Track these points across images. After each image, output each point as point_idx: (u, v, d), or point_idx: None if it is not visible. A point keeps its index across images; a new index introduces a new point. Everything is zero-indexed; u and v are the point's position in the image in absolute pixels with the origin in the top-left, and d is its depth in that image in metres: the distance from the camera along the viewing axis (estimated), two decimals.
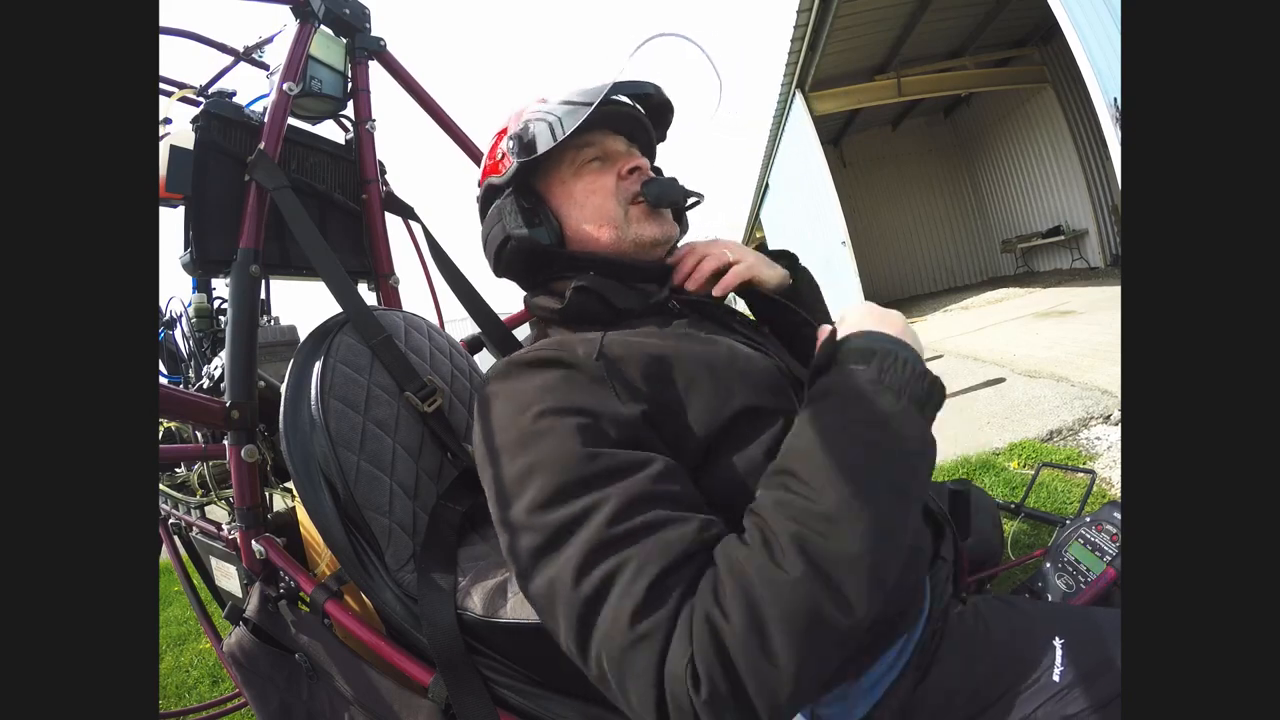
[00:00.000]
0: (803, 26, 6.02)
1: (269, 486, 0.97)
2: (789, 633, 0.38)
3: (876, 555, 0.40)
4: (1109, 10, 3.40)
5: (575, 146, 0.69)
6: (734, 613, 0.38)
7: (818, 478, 0.43)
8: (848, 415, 0.46)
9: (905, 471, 0.45)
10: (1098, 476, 1.91)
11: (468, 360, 1.00)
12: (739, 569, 0.40)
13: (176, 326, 1.47)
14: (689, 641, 0.38)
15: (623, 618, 0.40)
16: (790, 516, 0.42)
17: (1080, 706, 0.53)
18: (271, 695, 0.77)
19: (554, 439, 0.48)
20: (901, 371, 0.48)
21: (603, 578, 0.42)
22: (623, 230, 0.69)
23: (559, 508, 0.45)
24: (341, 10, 1.10)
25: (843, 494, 0.41)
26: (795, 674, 0.37)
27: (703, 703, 0.37)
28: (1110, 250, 7.32)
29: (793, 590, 0.38)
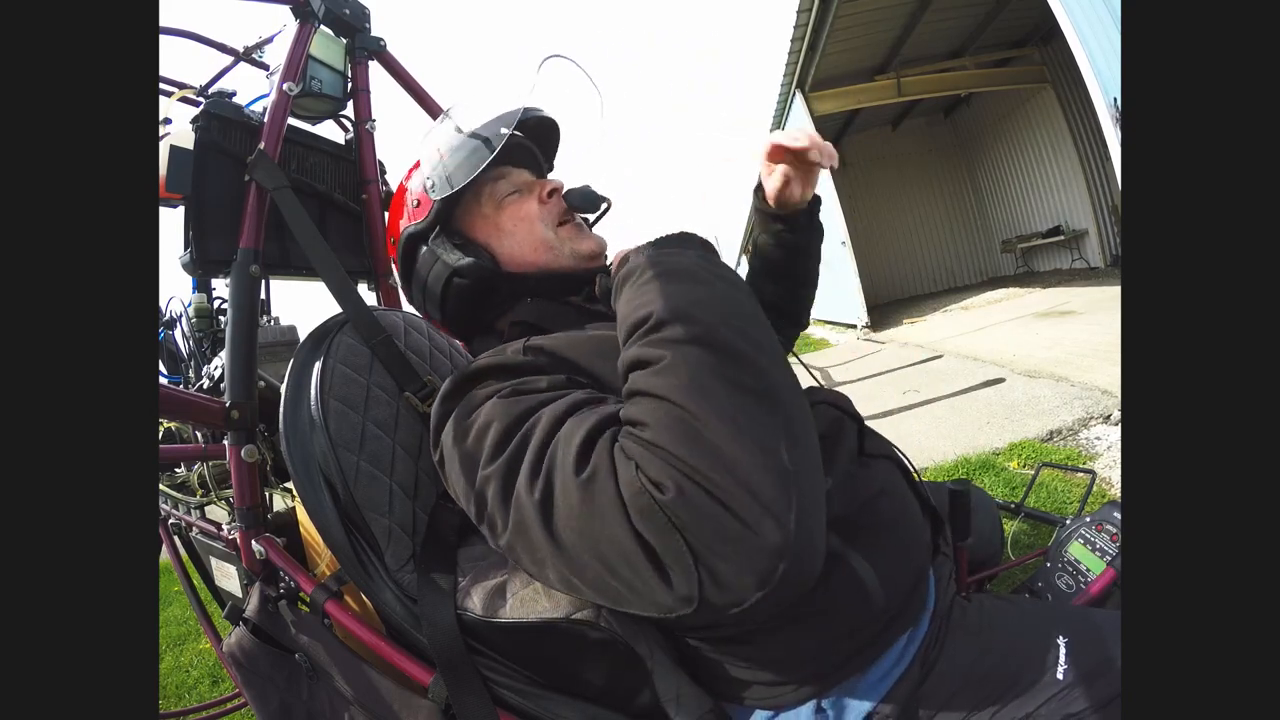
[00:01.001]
0: (803, 26, 6.02)
1: (269, 486, 0.97)
2: (703, 402, 0.37)
3: (725, 314, 0.44)
4: (1109, 10, 3.40)
5: (490, 180, 0.72)
6: (648, 419, 0.38)
7: (637, 314, 0.47)
8: (635, 279, 0.51)
9: (687, 266, 0.50)
10: (1098, 476, 1.91)
11: (468, 360, 1.00)
12: (635, 393, 0.42)
13: (176, 326, 1.47)
14: (627, 460, 0.38)
15: (569, 476, 0.40)
16: (638, 342, 0.44)
17: (1081, 706, 0.54)
18: (271, 695, 0.77)
19: (494, 404, 0.50)
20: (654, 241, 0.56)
21: (549, 461, 0.42)
22: (559, 249, 0.72)
23: (507, 446, 0.46)
24: (341, 10, 1.10)
25: (658, 304, 0.45)
26: (743, 444, 0.36)
27: (672, 499, 0.35)
28: (1110, 250, 7.32)
29: (676, 370, 0.39)
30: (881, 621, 0.57)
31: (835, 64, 6.77)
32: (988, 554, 0.98)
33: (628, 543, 0.37)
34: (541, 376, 0.53)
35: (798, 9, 5.83)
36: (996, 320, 5.52)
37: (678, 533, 0.35)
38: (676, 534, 0.35)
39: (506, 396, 0.51)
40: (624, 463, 0.38)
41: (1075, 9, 3.56)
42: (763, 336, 0.44)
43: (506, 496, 0.44)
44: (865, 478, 0.63)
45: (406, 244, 0.75)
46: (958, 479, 1.82)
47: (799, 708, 0.57)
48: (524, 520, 0.43)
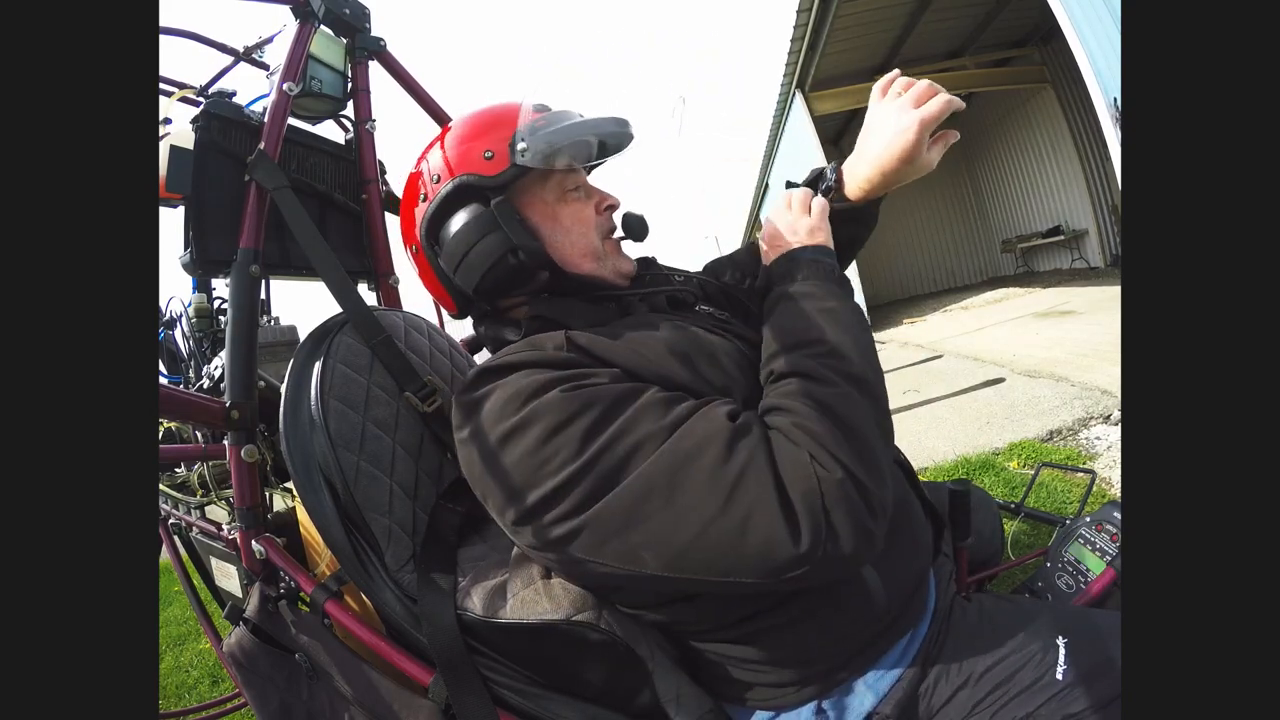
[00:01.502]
0: (803, 26, 6.02)
1: (269, 486, 0.97)
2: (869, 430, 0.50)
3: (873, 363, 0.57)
4: (1109, 10, 3.40)
5: (565, 172, 0.69)
6: (820, 422, 0.48)
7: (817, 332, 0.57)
8: (809, 299, 0.61)
9: (845, 315, 0.59)
10: (1098, 476, 1.91)
11: (468, 360, 1.00)
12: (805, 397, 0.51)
13: (176, 326, 1.47)
14: (794, 445, 0.47)
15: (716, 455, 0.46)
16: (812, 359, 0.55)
17: (1081, 706, 0.54)
18: (271, 695, 0.77)
19: (558, 402, 0.49)
20: (825, 274, 0.64)
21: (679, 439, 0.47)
22: (603, 262, 0.71)
23: (598, 438, 0.47)
24: (341, 10, 1.10)
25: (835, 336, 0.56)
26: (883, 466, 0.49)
27: (833, 480, 0.45)
28: (1110, 250, 7.32)
29: (852, 400, 0.51)
30: (883, 623, 0.57)
31: (835, 64, 6.77)
32: (988, 554, 0.98)
33: (773, 505, 0.44)
34: (599, 369, 0.54)
35: (798, 9, 5.83)
36: (996, 320, 5.52)
37: (822, 501, 0.44)
38: (820, 502, 0.44)
39: (574, 389, 0.50)
40: (788, 446, 0.47)
41: (1075, 9, 3.56)
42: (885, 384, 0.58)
43: (606, 490, 0.47)
44: None
45: (458, 191, 0.66)
46: (958, 479, 1.82)
47: (800, 708, 0.57)
48: (630, 504, 0.46)
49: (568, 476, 0.47)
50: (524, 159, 0.65)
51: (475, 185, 0.66)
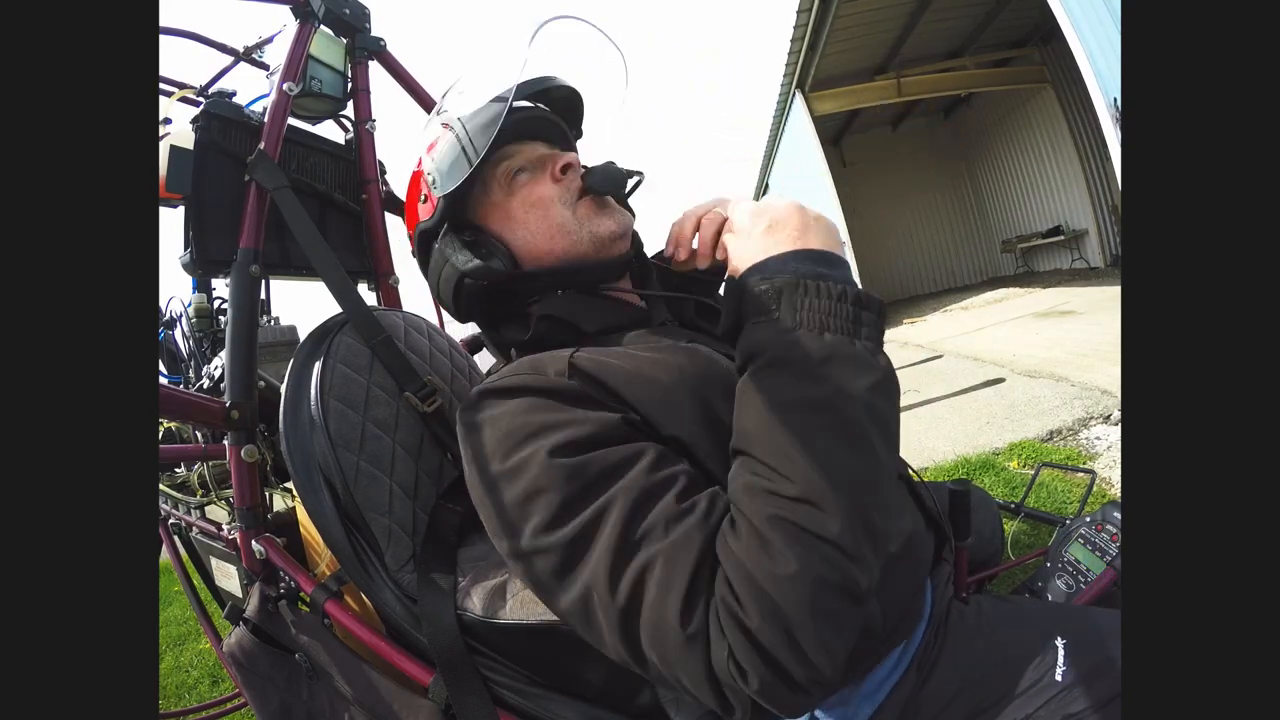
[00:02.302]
0: (803, 27, 6.03)
1: (269, 486, 0.97)
2: (808, 621, 0.39)
3: (862, 516, 0.40)
4: (1109, 10, 3.40)
5: (495, 163, 0.65)
6: (751, 611, 0.39)
7: (774, 459, 0.42)
8: (778, 378, 0.43)
9: (859, 412, 0.42)
10: (1098, 476, 1.91)
11: (467, 360, 1.00)
12: (741, 567, 0.40)
13: (176, 326, 1.47)
14: (723, 636, 0.40)
15: (670, 619, 0.41)
16: (764, 502, 0.41)
17: (1081, 706, 0.53)
18: (271, 695, 0.77)
19: (542, 461, 0.46)
20: (817, 301, 0.44)
21: (634, 580, 0.42)
22: (577, 233, 0.64)
23: (567, 523, 0.45)
24: (341, 10, 1.10)
25: (805, 471, 0.40)
26: (826, 651, 0.39)
27: (755, 691, 0.39)
28: (1110, 250, 7.32)
29: (794, 583, 0.39)
30: (878, 638, 0.56)
31: (835, 64, 6.77)
32: (988, 554, 0.98)
33: (707, 689, 0.41)
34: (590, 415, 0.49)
35: (798, 9, 5.83)
36: (996, 320, 5.51)
37: (750, 701, 0.41)
38: (749, 702, 0.41)
39: (556, 455, 0.46)
40: (719, 639, 0.40)
41: (1075, 9, 3.56)
42: (887, 514, 0.43)
43: (565, 575, 0.45)
44: None
45: (420, 241, 0.70)
46: (958, 479, 1.82)
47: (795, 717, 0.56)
48: (590, 610, 0.44)
49: (540, 546, 0.46)
50: (440, 191, 0.65)
51: (429, 230, 0.68)
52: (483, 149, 0.62)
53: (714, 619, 0.40)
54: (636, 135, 12.82)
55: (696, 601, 0.41)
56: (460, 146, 0.63)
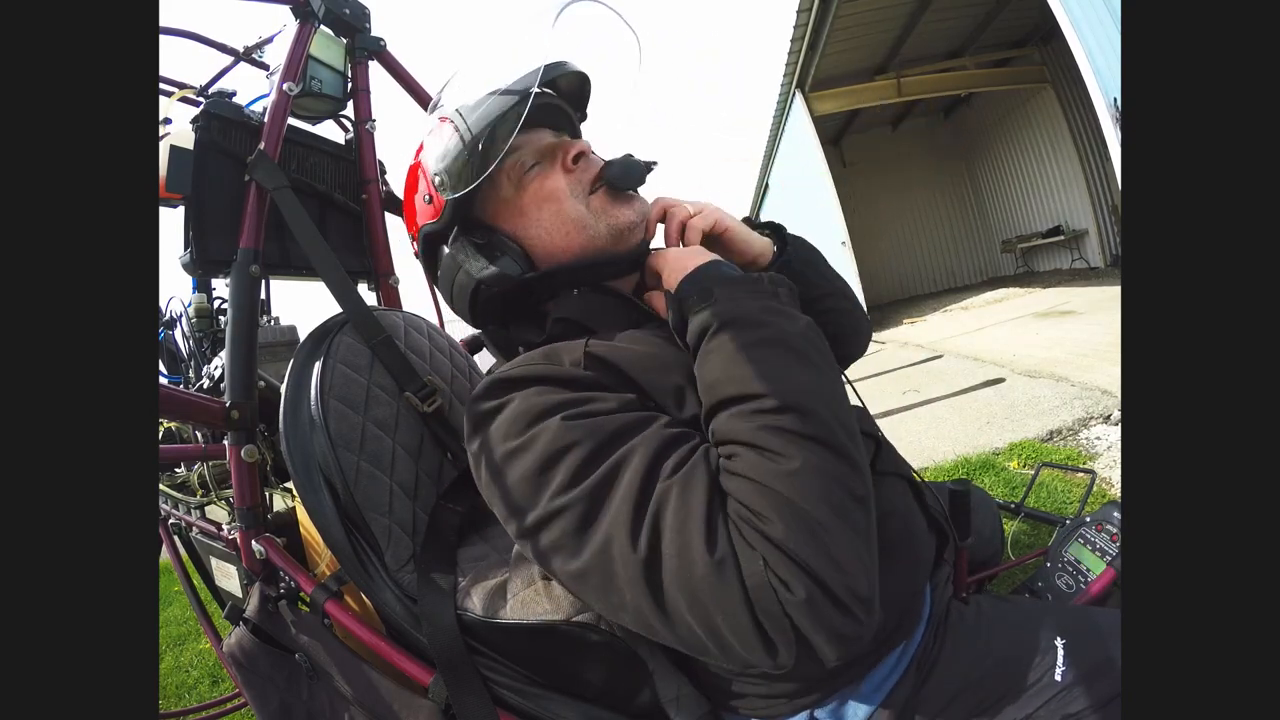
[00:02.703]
0: (803, 26, 6.03)
1: (269, 486, 0.97)
2: (829, 517, 0.40)
3: (837, 417, 0.45)
4: (1109, 10, 3.41)
5: (506, 157, 0.61)
6: (773, 518, 0.40)
7: (746, 387, 0.46)
8: (729, 333, 0.49)
9: (804, 343, 0.49)
10: (1098, 476, 1.91)
11: (468, 360, 1.00)
12: (748, 482, 0.42)
13: (176, 326, 1.47)
14: (752, 549, 0.40)
15: (695, 547, 0.40)
16: (749, 420, 0.44)
17: (1081, 706, 0.53)
18: (271, 695, 0.77)
19: (561, 426, 0.47)
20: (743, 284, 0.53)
21: (653, 522, 0.42)
22: (594, 227, 0.62)
23: (587, 477, 0.45)
24: (341, 10, 1.10)
25: (777, 386, 0.45)
26: (856, 556, 0.40)
27: (802, 601, 0.39)
28: (1110, 250, 7.32)
29: (802, 477, 0.41)
30: (879, 639, 0.56)
31: (835, 64, 6.77)
32: (988, 554, 0.98)
33: (746, 623, 0.40)
34: (608, 394, 0.50)
35: (798, 9, 5.83)
36: (996, 320, 5.51)
37: (791, 623, 0.39)
38: (789, 624, 0.39)
39: (576, 418, 0.47)
40: (749, 554, 0.40)
41: (1075, 9, 3.56)
42: (854, 423, 0.47)
43: (586, 529, 0.44)
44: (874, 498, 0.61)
45: (425, 244, 0.67)
46: (958, 479, 1.82)
47: (794, 717, 0.56)
48: (610, 565, 0.43)
49: (558, 506, 0.45)
50: (449, 194, 0.61)
51: (435, 233, 0.65)
52: (499, 154, 0.59)
53: (738, 538, 0.41)
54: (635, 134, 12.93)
55: (716, 524, 0.41)
56: (469, 146, 0.60)
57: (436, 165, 0.62)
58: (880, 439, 0.67)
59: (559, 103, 0.68)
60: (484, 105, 0.61)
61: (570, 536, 0.45)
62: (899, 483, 0.65)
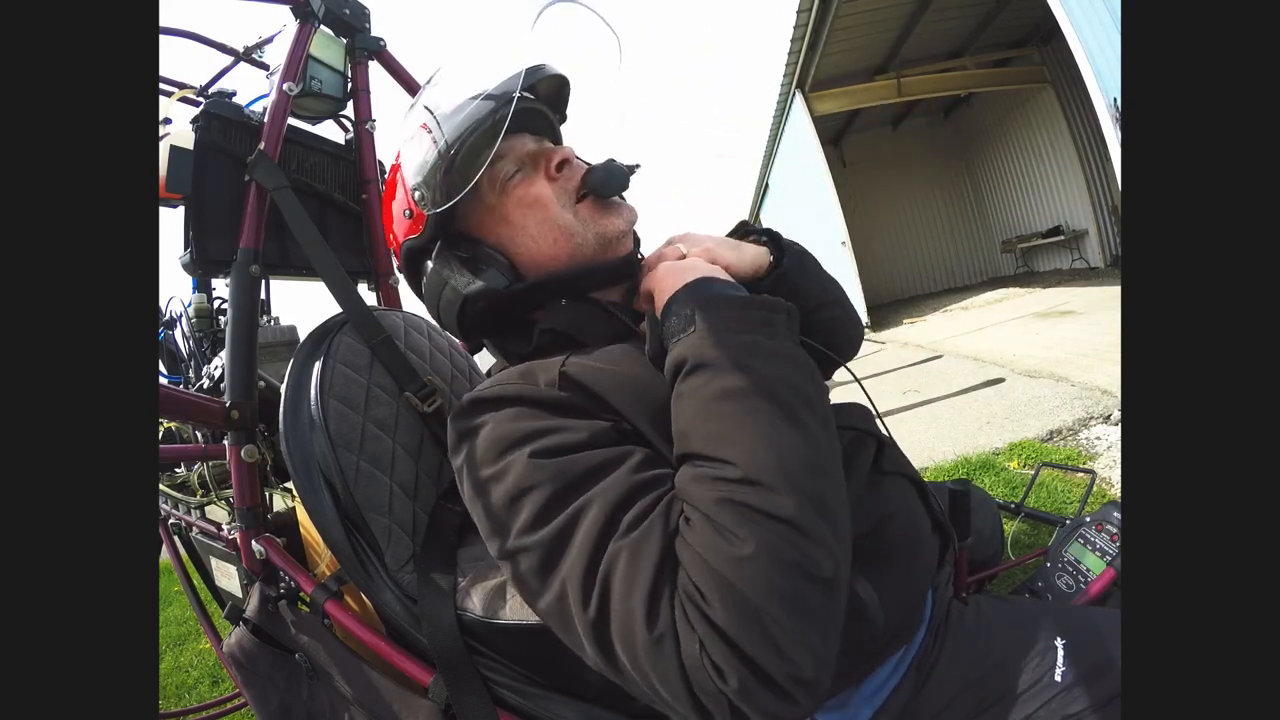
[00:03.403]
0: (803, 26, 6.03)
1: (269, 486, 0.97)
2: (775, 607, 0.37)
3: (811, 492, 0.40)
4: (1109, 10, 3.40)
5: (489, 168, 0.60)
6: (715, 602, 0.37)
7: (711, 448, 0.42)
8: (703, 377, 0.45)
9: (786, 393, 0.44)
10: (1098, 476, 1.91)
11: (468, 360, 1.00)
12: (698, 558, 0.39)
13: (176, 326, 1.47)
14: (692, 631, 0.38)
15: (637, 619, 0.39)
16: (709, 488, 0.41)
17: (1081, 706, 0.53)
18: (271, 695, 0.77)
19: (528, 464, 0.46)
20: (727, 312, 0.48)
21: (603, 580, 0.41)
22: (581, 235, 0.61)
23: (548, 523, 0.44)
24: (341, 10, 1.10)
25: (744, 452, 0.41)
26: (804, 644, 0.37)
27: (735, 691, 0.37)
28: (1110, 250, 7.32)
29: (753, 565, 0.37)
30: (880, 642, 0.56)
31: (835, 64, 6.78)
32: (988, 554, 0.98)
33: (684, 699, 0.39)
34: (580, 423, 0.49)
35: (798, 9, 5.83)
36: (996, 320, 5.51)
37: (728, 701, 0.37)
38: (726, 702, 0.37)
39: (543, 454, 0.46)
40: (688, 634, 0.38)
41: (1075, 9, 3.56)
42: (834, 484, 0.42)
43: (543, 577, 0.44)
44: (876, 499, 0.60)
45: (408, 258, 0.66)
46: (958, 479, 1.82)
47: None
48: (566, 616, 0.43)
49: (522, 546, 0.45)
50: (430, 208, 0.60)
51: (418, 248, 0.65)
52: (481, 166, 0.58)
53: (680, 615, 0.39)
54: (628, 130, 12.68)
55: (660, 598, 0.39)
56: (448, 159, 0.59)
57: (415, 178, 0.61)
58: (882, 439, 0.67)
59: (538, 106, 0.68)
60: (462, 113, 0.59)
61: (532, 577, 0.45)
62: (903, 483, 0.65)
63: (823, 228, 7.27)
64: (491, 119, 0.58)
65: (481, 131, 0.59)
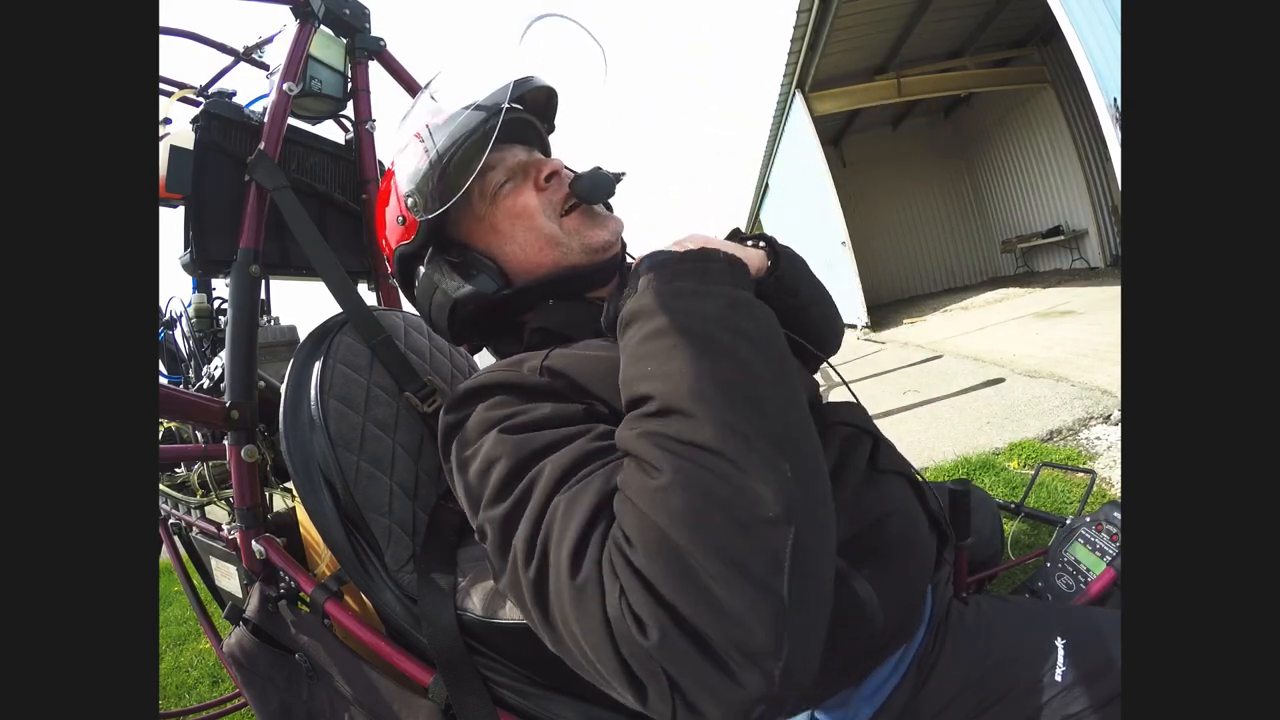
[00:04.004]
0: (803, 26, 6.02)
1: (269, 486, 0.97)
2: (701, 545, 0.32)
3: (743, 418, 0.36)
4: (1109, 10, 3.40)
5: (478, 175, 0.62)
6: (637, 542, 0.34)
7: (636, 387, 0.41)
8: (633, 328, 0.45)
9: (714, 328, 0.41)
10: (1098, 476, 1.91)
11: (468, 360, 1.01)
12: (622, 498, 0.37)
13: (176, 326, 1.47)
14: (616, 578, 0.35)
15: (562, 572, 0.37)
16: (631, 425, 0.40)
17: (1081, 706, 0.53)
18: (271, 695, 0.77)
19: (496, 438, 0.47)
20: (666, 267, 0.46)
21: (543, 539, 0.39)
22: (567, 244, 0.64)
23: (509, 495, 0.44)
24: (341, 10, 1.10)
25: (662, 385, 0.39)
26: (742, 592, 0.31)
27: (656, 647, 0.32)
28: (1110, 250, 7.32)
29: (669, 494, 0.34)
30: (880, 641, 0.56)
31: (835, 64, 6.77)
32: (988, 554, 0.98)
33: (610, 659, 0.34)
34: (548, 403, 0.49)
35: (798, 9, 5.83)
36: (996, 320, 5.51)
37: (659, 668, 0.33)
38: (658, 668, 0.33)
39: (509, 432, 0.47)
40: (611, 582, 0.35)
41: (1075, 9, 3.56)
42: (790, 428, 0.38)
43: (503, 549, 0.43)
44: (873, 497, 0.60)
45: (400, 263, 0.68)
46: (958, 479, 1.82)
47: (794, 717, 0.56)
48: (518, 585, 0.41)
49: (486, 519, 0.45)
50: (422, 214, 0.62)
51: (410, 253, 0.67)
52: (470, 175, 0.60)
53: (606, 562, 0.35)
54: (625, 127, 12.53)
55: (588, 544, 0.37)
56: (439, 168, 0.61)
57: (408, 186, 0.63)
58: (879, 436, 0.67)
59: (527, 117, 0.70)
60: (454, 122, 0.62)
61: (494, 552, 0.44)
62: (900, 481, 0.65)
63: (823, 227, 7.27)
64: (481, 129, 0.61)
65: (472, 141, 0.61)
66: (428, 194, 0.62)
